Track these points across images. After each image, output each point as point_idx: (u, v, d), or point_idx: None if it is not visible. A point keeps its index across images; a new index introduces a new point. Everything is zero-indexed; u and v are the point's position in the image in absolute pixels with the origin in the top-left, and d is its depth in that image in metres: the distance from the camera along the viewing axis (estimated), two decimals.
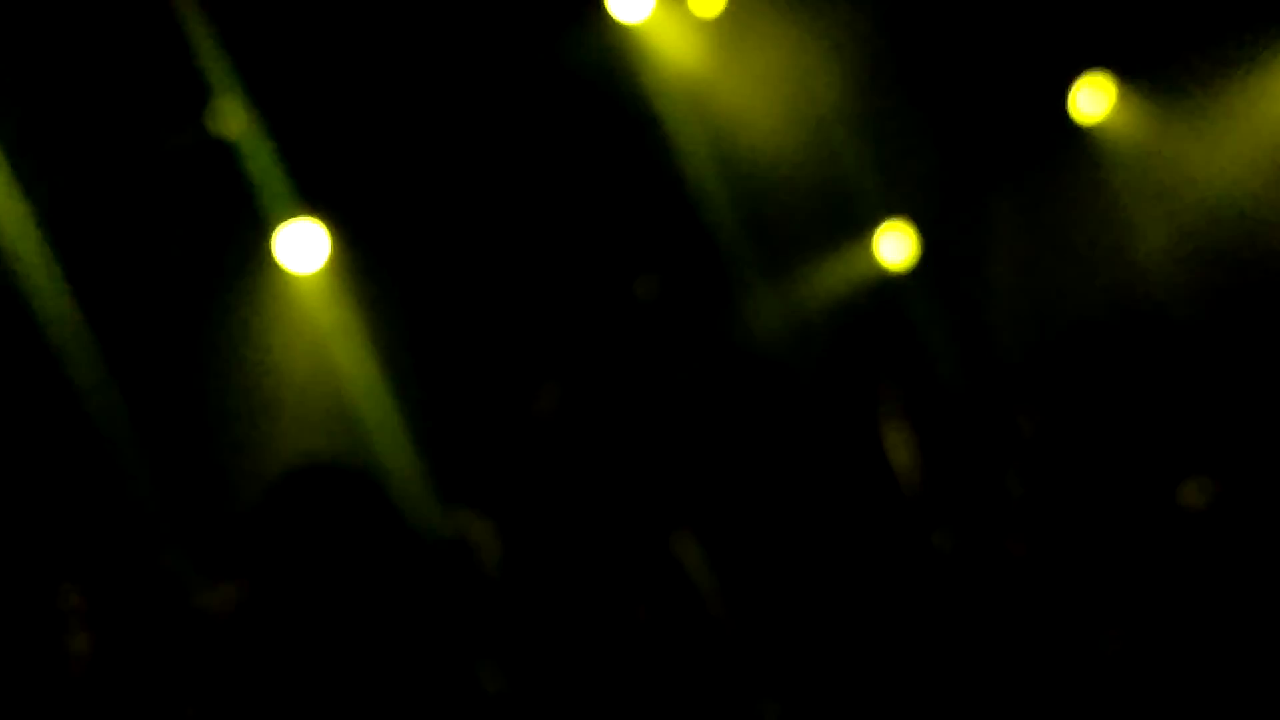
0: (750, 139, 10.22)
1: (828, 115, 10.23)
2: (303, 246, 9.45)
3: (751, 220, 10.10)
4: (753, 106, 10.27)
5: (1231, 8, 9.81)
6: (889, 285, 10.54)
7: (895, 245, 10.48)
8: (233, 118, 8.92)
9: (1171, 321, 10.39)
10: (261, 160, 9.02)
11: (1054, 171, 10.62)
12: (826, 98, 10.18)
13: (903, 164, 10.39)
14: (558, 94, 10.08)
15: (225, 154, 9.17)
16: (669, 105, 9.88)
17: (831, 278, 10.61)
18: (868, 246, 10.56)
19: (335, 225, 9.74)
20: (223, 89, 8.77)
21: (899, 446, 8.40)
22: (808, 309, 10.59)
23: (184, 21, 8.50)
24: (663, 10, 10.01)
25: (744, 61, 10.15)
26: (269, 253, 9.57)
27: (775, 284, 10.20)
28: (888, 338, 10.63)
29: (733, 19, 10.05)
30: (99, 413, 8.41)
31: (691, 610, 5.58)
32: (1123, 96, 10.43)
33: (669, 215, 10.29)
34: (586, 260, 9.81)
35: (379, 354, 9.26)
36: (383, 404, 9.01)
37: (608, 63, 9.98)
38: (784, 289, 10.29)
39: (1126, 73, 10.39)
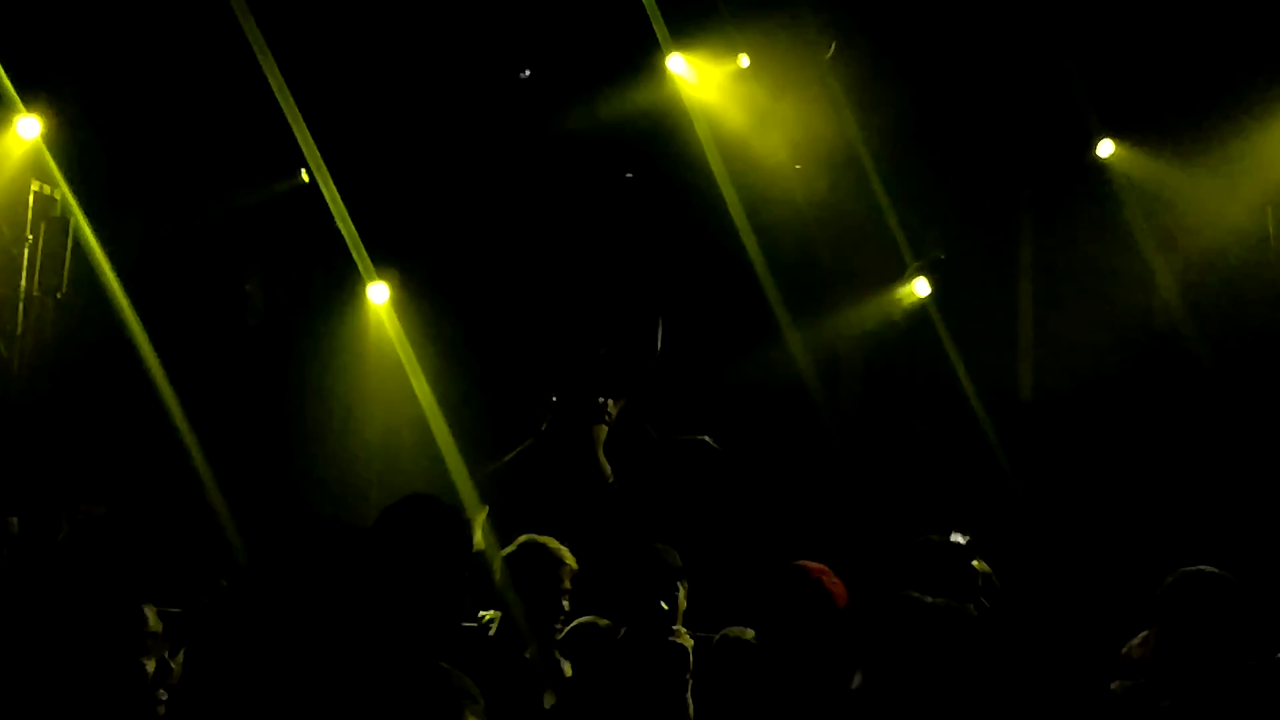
0: (782, 183, 10.81)
1: (858, 161, 10.67)
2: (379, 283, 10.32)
3: (783, 261, 10.57)
4: (786, 153, 10.85)
5: (1235, 64, 10.23)
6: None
7: (922, 285, 10.92)
8: (312, 171, 9.79)
9: (1185, 354, 10.47)
10: (340, 208, 9.83)
11: (1073, 212, 10.98)
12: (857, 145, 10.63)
13: (928, 208, 10.82)
14: (607, 147, 10.80)
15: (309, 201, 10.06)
16: (709, 154, 10.39)
17: (862, 317, 11.06)
18: (898, 287, 10.99)
19: (408, 265, 10.57)
20: (306, 146, 9.64)
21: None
22: (839, 348, 11.10)
23: (277, 90, 9.40)
24: (708, 65, 10.68)
25: (779, 112, 10.73)
26: (352, 288, 10.41)
27: (806, 324, 10.59)
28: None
29: (766, 72, 10.67)
30: (188, 439, 9.12)
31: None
32: (1137, 142, 10.74)
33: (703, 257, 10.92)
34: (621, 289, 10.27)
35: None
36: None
37: (659, 116, 10.63)
38: (815, 329, 10.71)
39: (1140, 120, 10.69)
